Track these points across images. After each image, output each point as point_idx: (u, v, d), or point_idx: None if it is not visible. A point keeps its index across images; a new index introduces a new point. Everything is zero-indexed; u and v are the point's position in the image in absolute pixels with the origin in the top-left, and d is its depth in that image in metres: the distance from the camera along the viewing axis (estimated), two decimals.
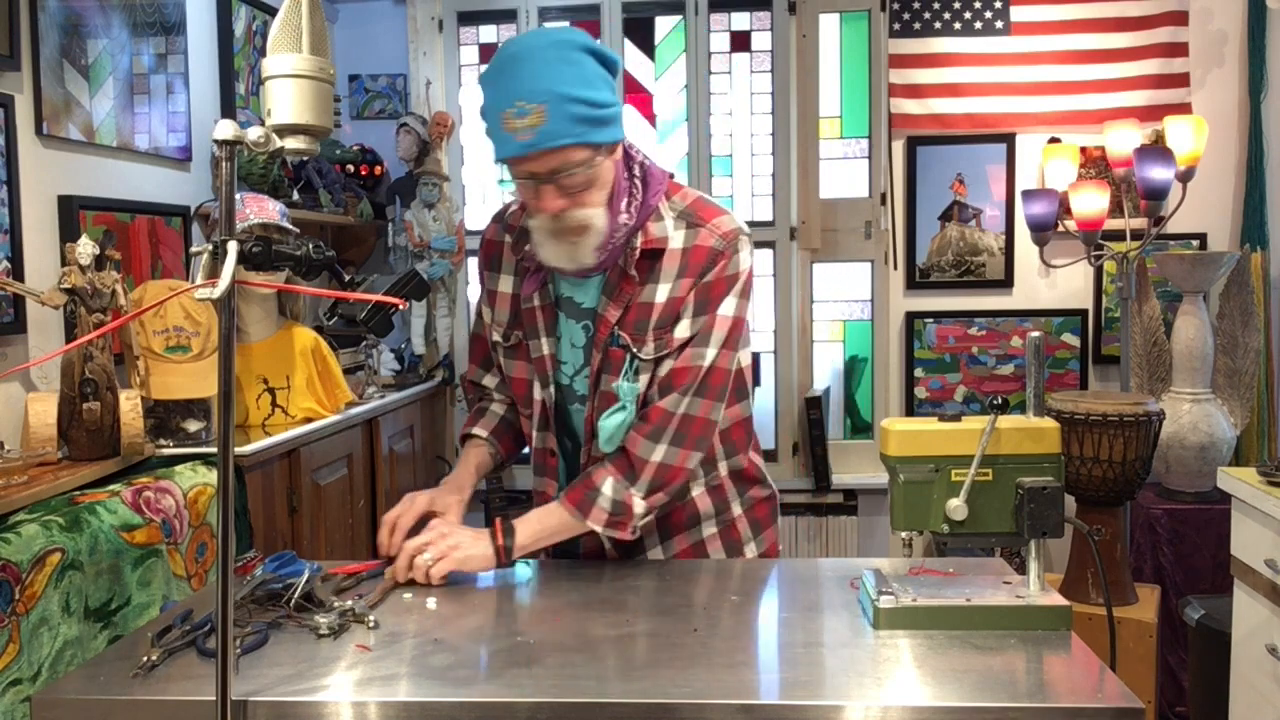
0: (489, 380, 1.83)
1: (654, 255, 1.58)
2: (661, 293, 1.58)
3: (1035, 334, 1.34)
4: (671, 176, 1.64)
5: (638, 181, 1.59)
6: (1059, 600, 1.31)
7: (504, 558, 1.55)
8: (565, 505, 1.58)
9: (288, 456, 2.57)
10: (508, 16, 4.00)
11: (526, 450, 1.81)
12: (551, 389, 1.67)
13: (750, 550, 1.74)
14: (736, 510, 1.73)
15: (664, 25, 3.97)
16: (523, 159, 1.46)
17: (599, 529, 1.56)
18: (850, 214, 3.84)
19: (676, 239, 1.59)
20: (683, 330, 1.58)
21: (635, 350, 1.58)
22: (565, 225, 1.51)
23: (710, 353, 1.58)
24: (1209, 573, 3.12)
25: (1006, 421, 1.33)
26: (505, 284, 1.71)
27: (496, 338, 1.73)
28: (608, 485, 1.56)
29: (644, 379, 1.59)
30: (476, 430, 1.80)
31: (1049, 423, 1.34)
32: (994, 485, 1.32)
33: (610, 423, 1.58)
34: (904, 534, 1.38)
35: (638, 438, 1.57)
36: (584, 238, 1.53)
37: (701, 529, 1.71)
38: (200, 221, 2.93)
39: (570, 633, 1.32)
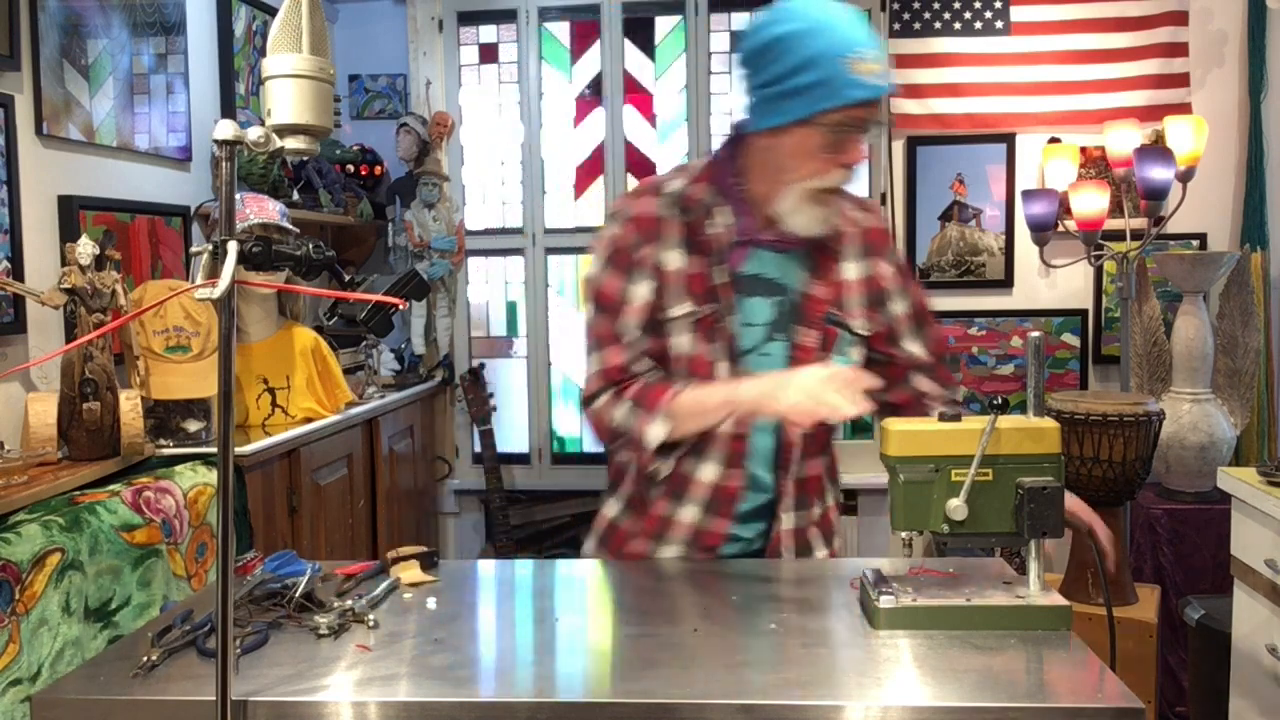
0: (640, 367, 1.66)
1: (840, 235, 1.67)
2: (852, 270, 1.67)
3: (1035, 334, 1.34)
4: None
5: None
6: (1059, 600, 1.31)
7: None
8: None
9: (288, 456, 2.57)
10: (508, 16, 4.00)
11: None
12: (739, 368, 1.62)
13: (834, 544, 1.73)
14: (830, 501, 1.75)
15: (664, 25, 3.97)
16: (871, 103, 1.51)
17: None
18: None
19: (857, 218, 1.70)
20: (899, 308, 1.72)
21: (852, 326, 1.65)
22: (844, 183, 1.57)
23: (939, 328, 1.79)
24: (1209, 573, 3.11)
25: (1006, 421, 1.33)
26: (674, 260, 1.63)
27: (676, 312, 1.63)
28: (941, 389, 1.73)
29: (854, 352, 1.67)
30: (677, 384, 1.62)
31: (1049, 423, 1.34)
32: (994, 485, 1.32)
33: None
34: (904, 534, 1.37)
35: (946, 374, 1.77)
36: (836, 196, 1.60)
37: (813, 510, 1.70)
38: (200, 221, 2.93)
39: (570, 633, 1.32)
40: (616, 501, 1.76)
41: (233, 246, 1.07)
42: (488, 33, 4.05)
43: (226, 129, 1.07)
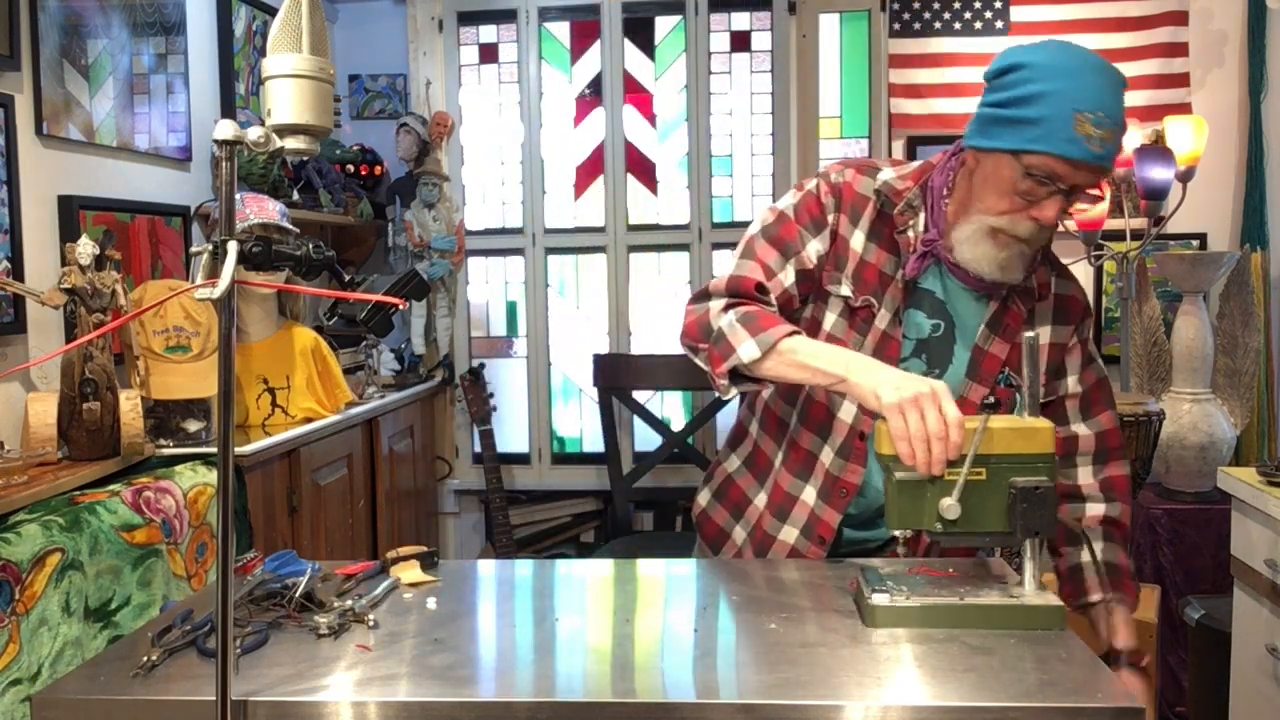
0: (771, 300, 1.60)
1: (1032, 295, 1.62)
2: (1043, 335, 1.63)
3: (1030, 334, 1.34)
4: None
5: None
6: (1053, 600, 1.31)
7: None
8: (1129, 602, 1.62)
9: (288, 456, 2.57)
10: (508, 16, 4.00)
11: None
12: (898, 362, 1.60)
13: None
14: None
15: (664, 25, 3.97)
16: (1080, 165, 1.45)
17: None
18: None
19: (1054, 285, 1.64)
20: (1074, 385, 1.66)
21: (1030, 391, 1.57)
22: (1035, 241, 1.52)
23: (1116, 415, 1.70)
24: (1209, 573, 3.11)
25: (1000, 421, 1.33)
26: (857, 241, 1.62)
27: (847, 292, 1.62)
28: (1131, 565, 1.65)
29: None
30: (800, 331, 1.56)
31: (1042, 423, 1.33)
32: (987, 485, 1.32)
33: None
34: (898, 533, 1.37)
35: (1127, 509, 1.67)
36: (1022, 249, 1.53)
37: None
38: (200, 221, 2.93)
39: (570, 633, 1.32)
40: (736, 458, 1.78)
41: (233, 246, 1.07)
42: (488, 33, 4.05)
43: (226, 129, 1.07)
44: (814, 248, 1.62)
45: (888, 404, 1.33)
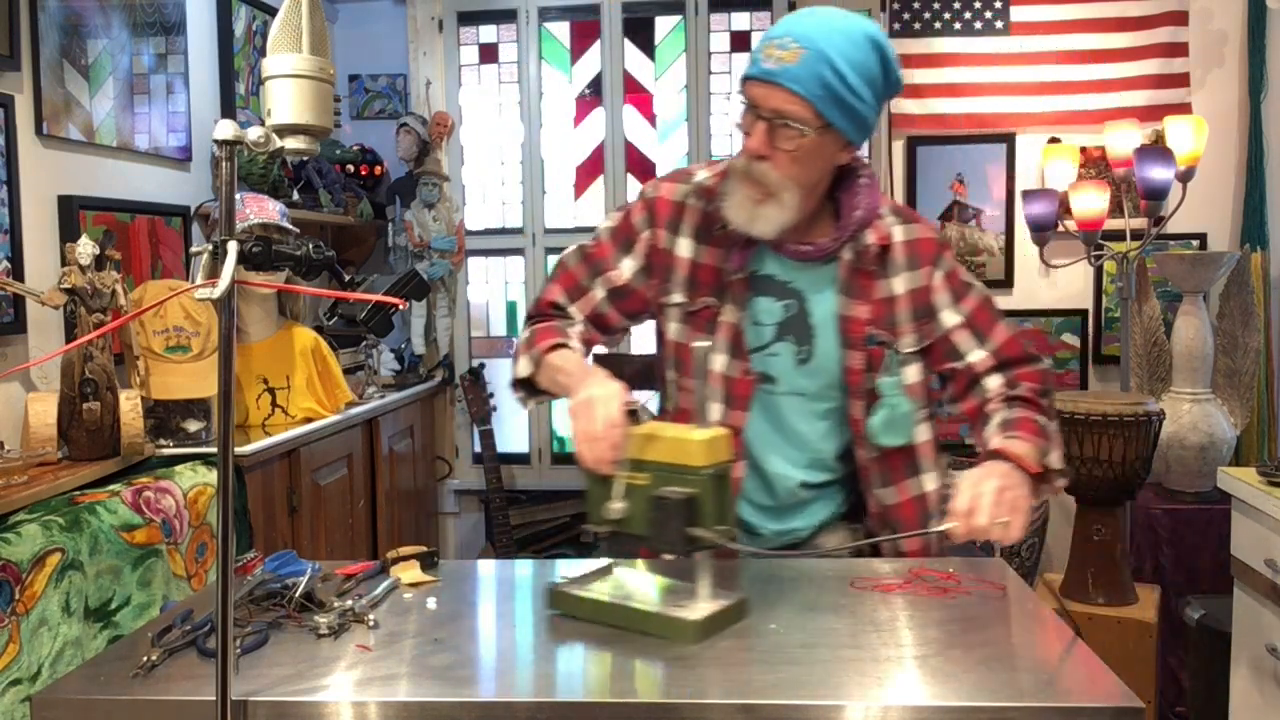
0: (575, 310, 1.71)
1: (883, 250, 1.64)
2: (899, 284, 1.65)
3: (702, 344, 1.32)
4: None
5: (863, 182, 1.63)
6: (691, 615, 1.25)
7: (1050, 483, 1.56)
8: (1024, 437, 1.54)
9: (288, 456, 2.57)
10: (508, 16, 4.01)
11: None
12: (750, 364, 1.64)
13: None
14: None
15: (664, 25, 3.97)
16: (755, 82, 1.50)
17: (1056, 464, 1.56)
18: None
19: (898, 233, 1.66)
20: (950, 318, 1.66)
21: (895, 346, 1.63)
22: (753, 176, 1.53)
23: (1008, 328, 1.69)
24: (1209, 573, 3.11)
25: (669, 430, 1.32)
26: (684, 248, 1.66)
27: (679, 300, 1.67)
28: (1044, 420, 1.58)
29: (908, 370, 1.64)
30: (571, 342, 1.64)
31: (703, 434, 1.29)
32: (649, 490, 1.31)
33: (879, 419, 1.63)
34: (589, 528, 1.39)
35: (1035, 386, 1.63)
36: (767, 205, 1.54)
37: (923, 480, 1.69)
38: (200, 221, 2.93)
39: (571, 633, 1.32)
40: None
41: (233, 246, 1.07)
42: (488, 33, 4.05)
43: (226, 129, 1.07)
44: (628, 265, 1.70)
45: (569, 408, 1.45)
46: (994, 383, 1.66)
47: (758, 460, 1.69)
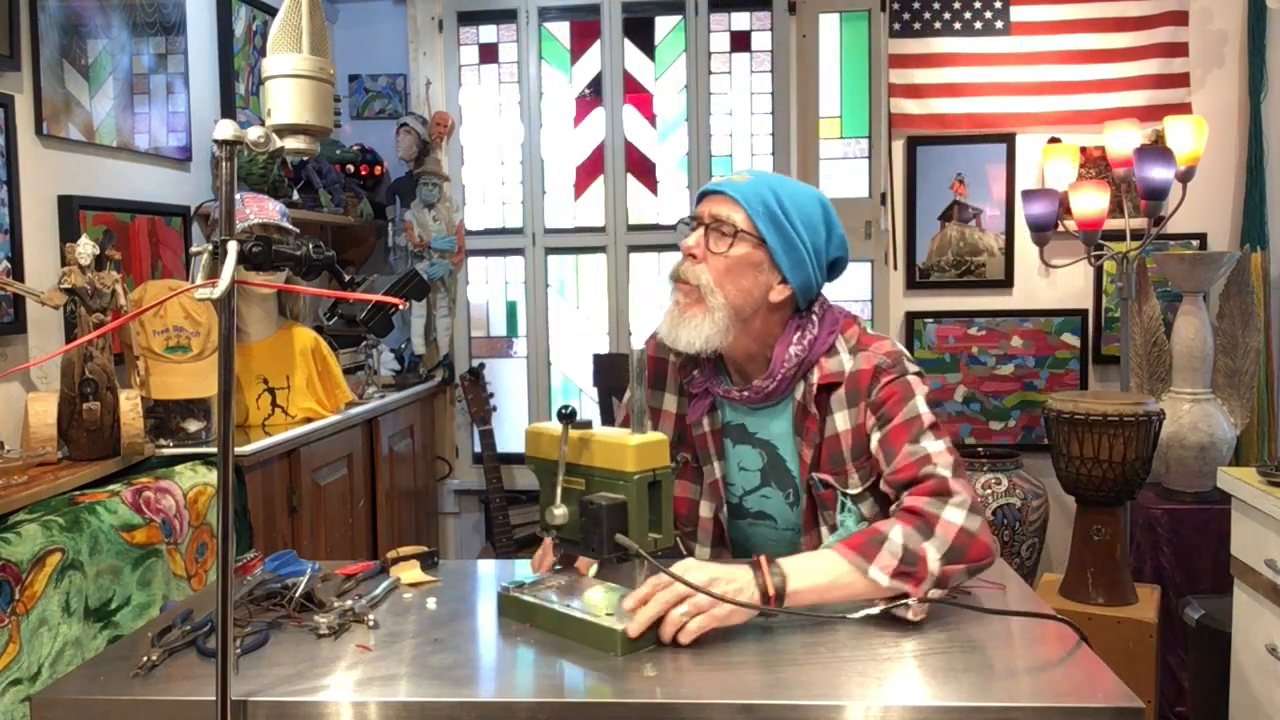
0: None
1: (830, 389, 1.58)
2: (841, 421, 1.57)
3: (638, 348, 1.31)
4: (856, 320, 1.65)
5: (814, 318, 1.61)
6: (618, 625, 1.23)
7: (774, 604, 1.30)
8: (842, 550, 1.35)
9: (288, 456, 2.57)
10: (508, 16, 4.00)
11: None
12: (725, 510, 1.68)
13: None
14: None
15: (664, 25, 3.97)
16: (705, 196, 1.62)
17: (885, 580, 1.32)
18: (850, 214, 3.84)
19: (847, 368, 1.58)
20: (873, 442, 1.54)
21: (841, 488, 1.57)
22: (684, 276, 1.57)
23: (913, 448, 1.48)
24: (1209, 573, 3.11)
25: (605, 434, 1.32)
26: (670, 403, 1.72)
27: None
28: (896, 531, 1.36)
29: (865, 506, 1.57)
30: None
31: (634, 440, 1.28)
32: (586, 494, 1.31)
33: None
34: (539, 533, 1.39)
35: (920, 498, 1.41)
36: (694, 312, 1.55)
37: None
38: (200, 221, 2.93)
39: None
40: None
41: (233, 246, 1.07)
42: (488, 33, 4.05)
43: (226, 129, 1.07)
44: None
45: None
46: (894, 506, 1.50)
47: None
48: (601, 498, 1.27)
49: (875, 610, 1.31)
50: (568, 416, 1.31)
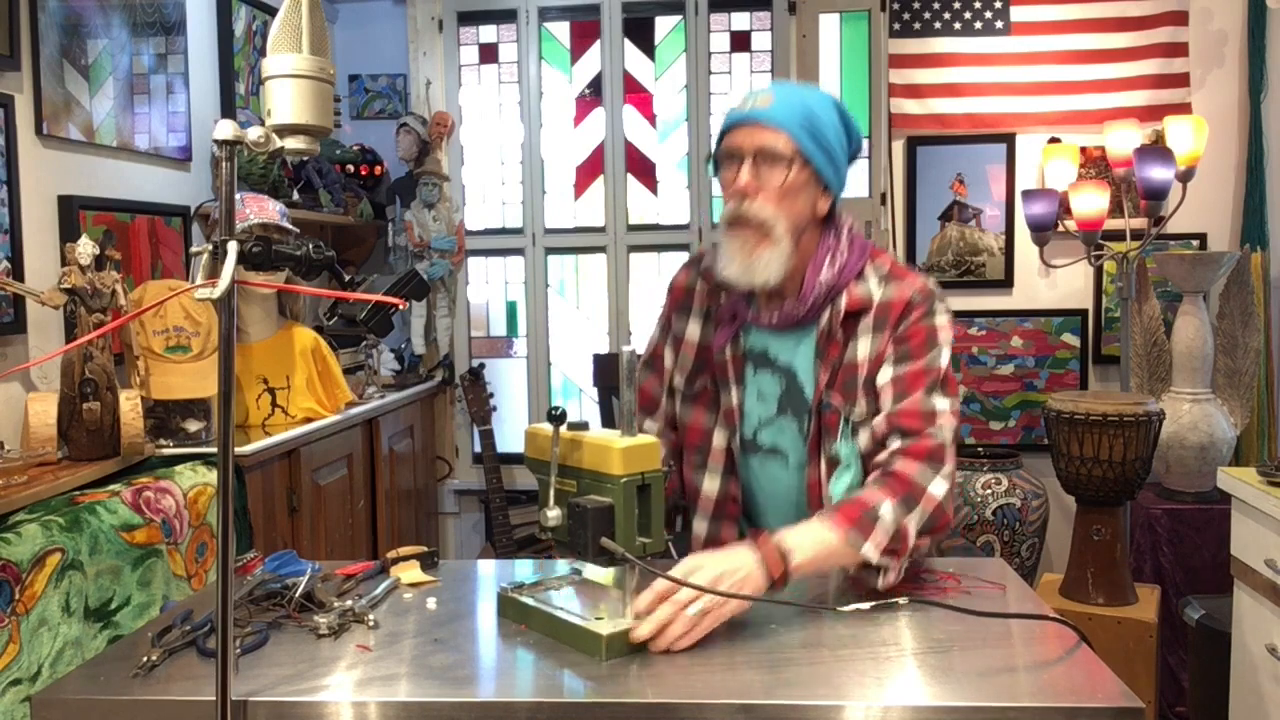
0: (650, 425, 1.77)
1: (857, 315, 1.59)
2: (863, 349, 1.58)
3: (628, 349, 1.29)
4: (885, 251, 1.68)
5: (843, 244, 1.62)
6: (605, 630, 1.22)
7: (781, 585, 1.33)
8: (838, 524, 1.38)
9: (288, 456, 2.57)
10: (508, 16, 4.00)
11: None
12: (737, 440, 1.66)
13: None
14: None
15: (664, 25, 3.97)
16: (735, 130, 1.57)
17: (875, 557, 1.38)
18: (850, 214, 3.83)
19: (876, 295, 1.60)
20: (886, 375, 1.54)
21: (846, 413, 1.57)
22: (745, 216, 1.55)
23: (924, 399, 1.50)
24: (1209, 573, 3.11)
25: (598, 437, 1.31)
26: (693, 330, 1.72)
27: (678, 382, 1.72)
28: (887, 507, 1.41)
29: (863, 437, 1.56)
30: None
31: (622, 442, 1.27)
32: (575, 497, 1.30)
33: (840, 486, 1.55)
34: (536, 534, 1.38)
35: (913, 462, 1.46)
36: (763, 249, 1.55)
37: None
38: (200, 221, 2.93)
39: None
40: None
41: (233, 246, 1.07)
42: (488, 33, 4.05)
43: (226, 129, 1.07)
44: (667, 357, 1.76)
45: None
46: (881, 458, 1.52)
47: (751, 526, 1.70)
48: (588, 500, 1.26)
49: (866, 606, 1.34)
50: (557, 418, 1.30)
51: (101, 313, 2.09)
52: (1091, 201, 3.32)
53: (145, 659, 1.20)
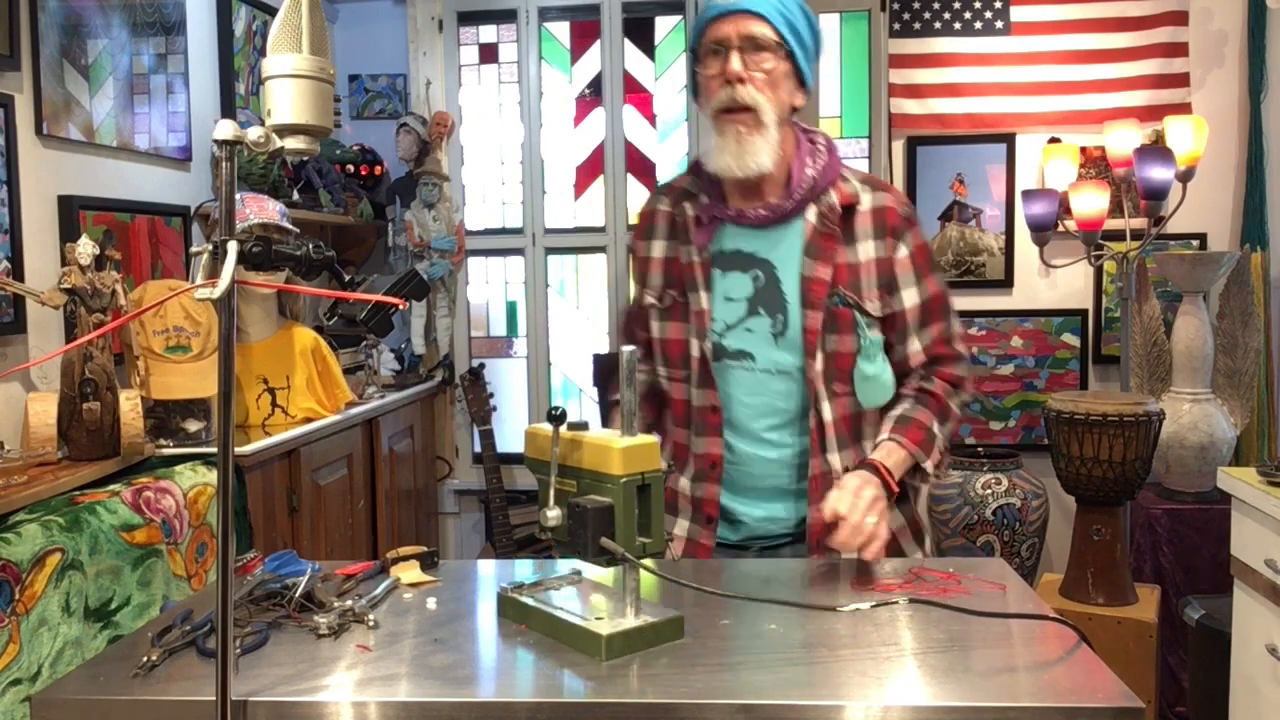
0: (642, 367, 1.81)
1: (849, 213, 1.68)
2: (864, 251, 1.68)
3: (629, 349, 1.30)
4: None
5: (820, 145, 1.71)
6: (603, 630, 1.23)
7: (894, 497, 1.61)
8: (910, 444, 1.63)
9: (288, 456, 2.57)
10: (508, 16, 4.00)
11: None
12: (708, 344, 1.69)
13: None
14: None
15: (664, 25, 3.97)
16: (723, 19, 1.61)
17: (930, 468, 1.66)
18: None
19: (865, 200, 1.69)
20: (911, 298, 1.69)
21: (864, 306, 1.66)
22: (738, 101, 1.59)
23: (950, 325, 1.73)
24: (1209, 573, 3.11)
25: (590, 437, 1.30)
26: (658, 249, 1.77)
27: (651, 301, 1.76)
28: (936, 427, 1.67)
29: (875, 333, 1.68)
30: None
31: (622, 442, 1.26)
32: (575, 497, 1.30)
33: (870, 370, 1.66)
34: (537, 534, 1.40)
35: (947, 386, 1.70)
36: (755, 135, 1.60)
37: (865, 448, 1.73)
38: (200, 221, 2.93)
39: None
40: None
41: (233, 246, 1.07)
42: (488, 33, 4.05)
43: (226, 129, 1.07)
44: (634, 290, 1.83)
45: None
46: (914, 377, 1.73)
47: (736, 439, 1.71)
48: (588, 500, 1.26)
49: (866, 606, 1.35)
50: (557, 418, 1.30)
51: (101, 313, 2.09)
52: (1091, 201, 3.32)
53: (145, 659, 1.20)
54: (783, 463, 1.71)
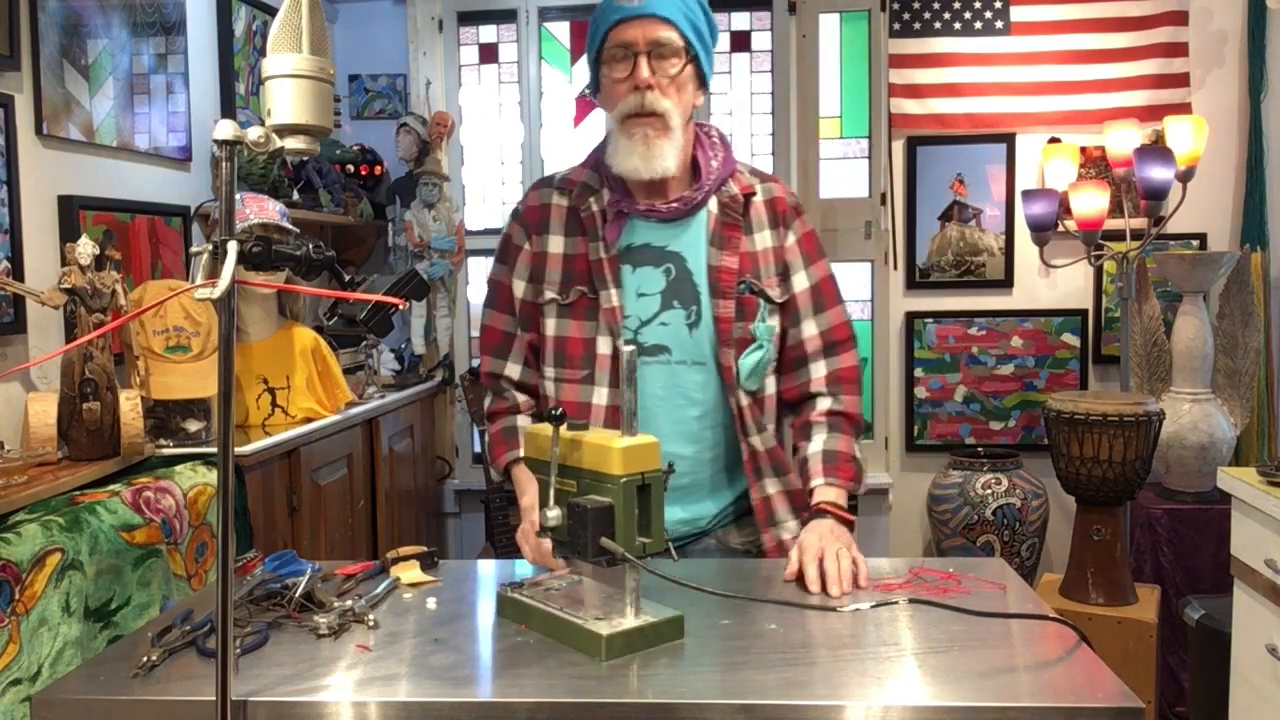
0: (511, 369, 1.78)
1: (746, 203, 1.72)
2: (760, 241, 1.72)
3: (629, 349, 1.30)
4: None
5: (715, 138, 1.76)
6: (604, 630, 1.23)
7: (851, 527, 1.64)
8: (846, 482, 1.67)
9: (288, 456, 2.57)
10: (508, 16, 4.00)
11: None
12: (623, 341, 1.66)
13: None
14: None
15: None
16: (628, 23, 1.60)
17: (860, 490, 1.71)
18: (850, 214, 3.84)
19: (759, 191, 1.75)
20: (801, 283, 1.73)
21: (769, 294, 1.70)
22: (648, 107, 1.61)
23: (844, 308, 1.77)
24: (1209, 573, 3.12)
25: (589, 436, 1.30)
26: (555, 245, 1.73)
27: (551, 296, 1.71)
28: (857, 450, 1.71)
29: (774, 320, 1.71)
30: (519, 439, 1.72)
31: (622, 443, 1.27)
32: (570, 497, 1.29)
33: (749, 361, 1.68)
34: (538, 535, 1.40)
35: (853, 399, 1.74)
36: (662, 139, 1.62)
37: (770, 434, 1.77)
38: (200, 221, 2.93)
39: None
40: None
41: (233, 246, 1.07)
42: (488, 33, 4.05)
43: (226, 129, 1.07)
44: (519, 286, 1.76)
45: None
46: (819, 371, 1.74)
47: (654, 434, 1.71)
48: (588, 500, 1.26)
49: (866, 606, 1.36)
50: (557, 418, 1.30)
51: (101, 313, 2.09)
52: (1091, 201, 3.32)
53: (145, 659, 1.20)
54: (698, 459, 1.71)
